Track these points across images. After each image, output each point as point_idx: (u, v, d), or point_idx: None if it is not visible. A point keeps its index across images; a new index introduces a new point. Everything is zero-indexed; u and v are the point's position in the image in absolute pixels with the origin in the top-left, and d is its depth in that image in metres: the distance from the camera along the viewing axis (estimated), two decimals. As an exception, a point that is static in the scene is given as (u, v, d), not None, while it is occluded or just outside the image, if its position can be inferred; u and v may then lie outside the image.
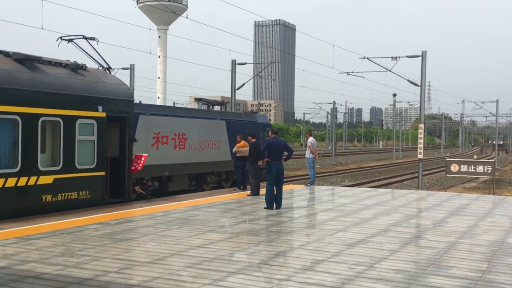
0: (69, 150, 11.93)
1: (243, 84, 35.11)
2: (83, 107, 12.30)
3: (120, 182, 13.57)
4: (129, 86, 31.15)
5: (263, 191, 14.06)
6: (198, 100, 24.23)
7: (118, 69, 37.35)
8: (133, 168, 13.68)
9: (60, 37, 13.91)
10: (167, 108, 20.76)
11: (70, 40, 13.83)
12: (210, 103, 23.79)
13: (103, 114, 12.78)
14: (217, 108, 24.11)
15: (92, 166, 12.52)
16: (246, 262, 7.21)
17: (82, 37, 13.83)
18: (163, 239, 8.68)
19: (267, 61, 44.11)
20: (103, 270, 6.67)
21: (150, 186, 16.85)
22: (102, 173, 12.78)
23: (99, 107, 12.68)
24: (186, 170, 19.43)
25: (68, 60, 12.88)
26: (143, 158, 13.92)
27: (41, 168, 11.28)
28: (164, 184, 18.35)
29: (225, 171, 21.87)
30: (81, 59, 14.60)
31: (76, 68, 12.71)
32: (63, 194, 11.74)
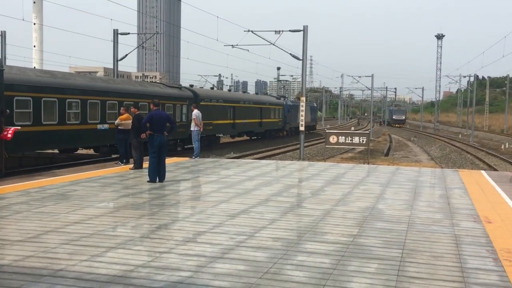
0: None
1: (126, 55, 34.09)
2: None
3: (-10, 157, 12.68)
4: (-1, 55, 28.92)
5: (146, 164, 13.83)
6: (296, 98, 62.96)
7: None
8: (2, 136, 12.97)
9: None
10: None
11: None
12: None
13: (-31, 84, 11.79)
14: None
15: (-43, 141, 11.55)
16: (126, 237, 7.08)
17: None
18: (38, 216, 8.26)
19: (152, 32, 42.96)
20: (-31, 251, 6.22)
21: None
22: (-31, 148, 11.84)
23: (-37, 76, 11.67)
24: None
25: None
26: (12, 128, 13.30)
27: None
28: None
29: (308, 126, 51.95)
30: None
31: None
32: None
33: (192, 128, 19.37)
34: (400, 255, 6.37)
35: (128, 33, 34.24)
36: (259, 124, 44.42)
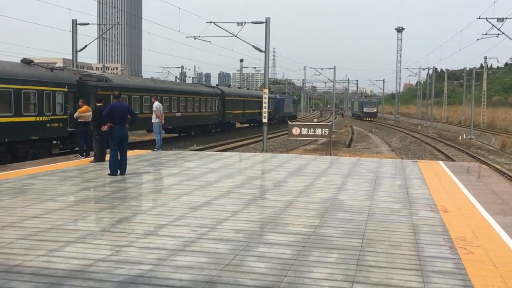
0: None
1: (86, 46, 33.42)
2: None
3: None
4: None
5: (108, 157, 13.63)
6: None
7: None
8: None
9: None
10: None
11: None
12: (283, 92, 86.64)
13: None
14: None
15: None
16: (86, 231, 6.97)
17: None
18: (-6, 211, 8.04)
19: (112, 23, 42.24)
20: None
21: None
22: None
23: None
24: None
25: None
26: None
27: None
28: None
29: (290, 116, 73.53)
30: None
31: None
32: None
33: (153, 120, 19.15)
34: (360, 244, 6.47)
35: (88, 24, 33.57)
36: (259, 114, 55.52)
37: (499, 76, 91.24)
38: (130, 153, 15.52)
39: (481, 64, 79.84)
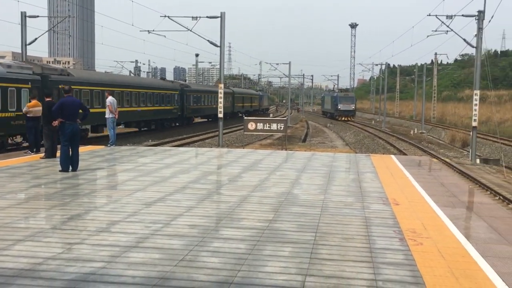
0: None
1: (36, 39, 32.47)
2: None
3: None
4: None
5: (59, 153, 13.30)
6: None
7: None
8: None
9: None
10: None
11: None
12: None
13: None
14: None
15: None
16: (36, 228, 6.80)
17: None
18: None
19: (63, 15, 41.35)
20: None
21: None
22: None
23: None
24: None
25: None
26: None
27: None
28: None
29: (267, 108, 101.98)
30: None
31: None
32: None
33: (106, 116, 18.83)
34: (313, 238, 6.55)
35: (38, 16, 32.60)
36: (250, 106, 78.21)
37: (449, 71, 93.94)
38: (82, 149, 15.23)
39: (432, 60, 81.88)
